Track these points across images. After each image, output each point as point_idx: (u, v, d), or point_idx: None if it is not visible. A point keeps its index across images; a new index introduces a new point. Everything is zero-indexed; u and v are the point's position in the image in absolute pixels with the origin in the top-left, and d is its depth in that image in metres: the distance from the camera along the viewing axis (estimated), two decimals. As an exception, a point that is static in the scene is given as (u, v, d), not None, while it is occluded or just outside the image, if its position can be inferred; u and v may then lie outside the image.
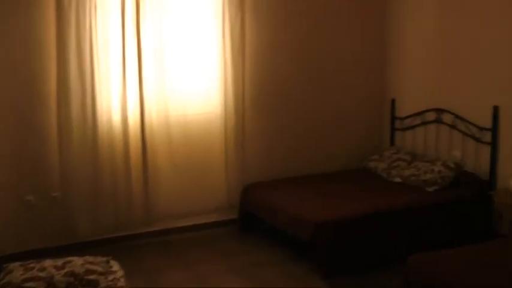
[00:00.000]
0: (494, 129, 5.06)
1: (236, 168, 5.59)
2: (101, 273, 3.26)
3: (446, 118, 5.59)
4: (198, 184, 5.45)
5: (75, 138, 4.85)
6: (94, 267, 3.29)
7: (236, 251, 5.08)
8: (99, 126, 4.92)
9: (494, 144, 5.08)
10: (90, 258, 3.45)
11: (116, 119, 5.00)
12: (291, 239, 4.92)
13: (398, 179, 5.42)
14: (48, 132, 4.88)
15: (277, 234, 5.21)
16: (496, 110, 5.03)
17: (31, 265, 3.32)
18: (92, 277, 3.17)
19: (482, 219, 5.11)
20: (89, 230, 5.08)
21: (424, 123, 5.88)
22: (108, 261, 3.56)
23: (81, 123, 4.86)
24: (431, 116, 5.79)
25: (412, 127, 6.05)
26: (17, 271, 3.25)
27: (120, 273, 3.44)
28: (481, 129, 5.18)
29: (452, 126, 5.51)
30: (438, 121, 5.69)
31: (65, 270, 3.20)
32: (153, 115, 5.15)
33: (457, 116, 5.45)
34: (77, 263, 3.33)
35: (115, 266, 3.55)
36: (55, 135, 4.89)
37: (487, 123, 5.12)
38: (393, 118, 6.32)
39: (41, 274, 3.16)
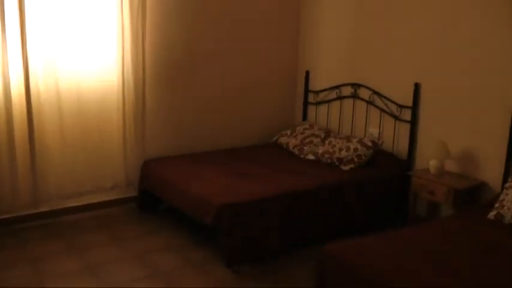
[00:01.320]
0: (415, 107, 4.79)
1: (135, 143, 4.97)
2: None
3: (364, 94, 5.28)
4: (93, 161, 4.81)
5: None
6: None
7: (133, 235, 4.49)
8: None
9: (413, 123, 4.81)
10: None
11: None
12: (193, 221, 4.40)
13: (311, 156, 5.04)
14: None
15: (178, 215, 4.68)
16: (417, 87, 4.75)
17: None
18: None
19: (399, 200, 4.86)
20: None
21: (340, 98, 5.54)
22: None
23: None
24: (347, 90, 5.45)
25: (327, 101, 5.69)
26: None
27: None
28: (401, 106, 4.90)
29: (370, 103, 5.20)
30: (355, 96, 5.36)
31: None
32: (40, 85, 4.40)
33: (375, 92, 5.14)
34: None
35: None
36: None
37: (407, 100, 4.84)
38: (307, 91, 5.93)
39: None
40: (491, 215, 3.59)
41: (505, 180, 4.05)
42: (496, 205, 3.63)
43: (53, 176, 4.62)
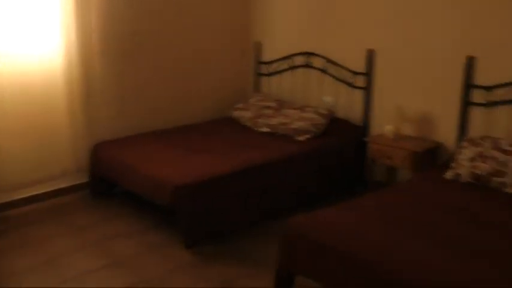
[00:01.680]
0: (369, 73, 4.74)
1: (83, 126, 4.69)
2: None
3: (317, 62, 5.19)
4: (38, 147, 4.48)
5: None
6: None
7: (89, 223, 4.25)
8: None
9: (368, 89, 4.77)
10: None
11: None
12: (149, 204, 4.25)
13: (266, 129, 4.93)
14: None
15: (134, 198, 4.51)
16: (370, 54, 4.70)
17: None
18: None
19: (357, 167, 4.83)
20: None
21: (293, 67, 5.44)
22: None
23: None
24: (299, 60, 5.36)
25: (280, 72, 5.59)
26: None
27: None
28: (354, 73, 4.85)
29: (323, 71, 5.13)
30: (307, 65, 5.28)
31: None
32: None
33: (328, 60, 5.07)
34: None
35: None
36: None
37: (361, 67, 4.79)
38: (258, 63, 5.81)
39: None
40: (449, 174, 3.59)
41: (459, 140, 4.06)
42: (453, 165, 3.64)
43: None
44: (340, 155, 4.68)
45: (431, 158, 4.29)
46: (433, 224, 2.88)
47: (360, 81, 4.82)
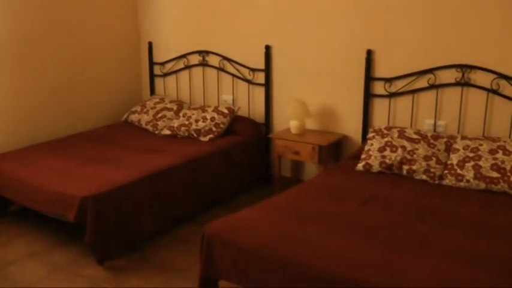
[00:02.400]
0: (267, 69, 4.74)
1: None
2: None
3: (213, 60, 5.12)
4: None
5: None
6: None
7: None
8: None
9: (268, 86, 4.77)
10: None
11: None
12: (52, 220, 3.95)
13: (166, 132, 4.78)
14: None
15: (35, 216, 4.15)
16: (268, 50, 4.70)
17: None
18: None
19: (263, 164, 4.85)
20: None
21: (188, 67, 5.33)
22: None
23: None
24: (195, 59, 5.26)
25: (175, 72, 5.45)
26: None
27: None
28: (253, 70, 4.83)
29: (221, 69, 5.07)
30: (204, 64, 5.19)
31: None
32: None
33: (224, 58, 5.01)
34: None
35: None
36: None
37: (260, 64, 4.78)
38: (152, 63, 5.63)
39: None
40: (360, 166, 3.67)
41: (365, 132, 4.17)
42: (363, 156, 3.72)
43: None
44: (245, 153, 4.65)
45: (338, 150, 4.37)
46: (352, 216, 2.92)
47: (260, 77, 4.81)
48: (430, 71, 3.89)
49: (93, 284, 3.33)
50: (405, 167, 3.51)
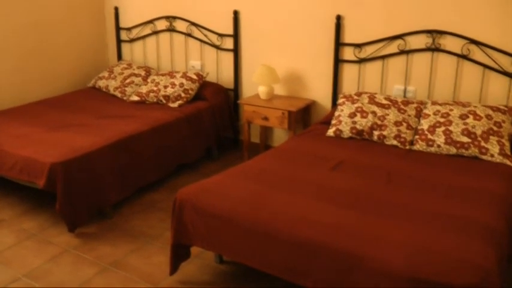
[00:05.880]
0: (236, 35, 4.69)
1: None
2: None
3: (181, 26, 5.04)
4: None
5: None
6: None
7: None
8: None
9: (236, 51, 4.73)
10: None
11: None
12: (22, 186, 3.89)
13: (135, 98, 4.72)
14: None
15: (3, 182, 4.07)
16: (236, 15, 4.64)
17: None
18: None
19: (232, 130, 4.86)
20: None
21: (155, 32, 5.24)
22: None
23: None
24: (162, 24, 5.17)
25: (142, 38, 5.36)
26: None
27: None
28: (221, 35, 4.77)
29: (188, 35, 4.99)
30: (171, 30, 5.11)
31: None
32: None
33: (192, 23, 4.93)
34: None
35: None
36: None
37: (228, 29, 4.72)
38: (118, 29, 5.52)
39: None
40: (331, 131, 3.69)
41: (334, 98, 4.18)
42: (333, 121, 3.73)
43: None
44: (213, 118, 4.64)
45: (307, 116, 4.38)
46: (322, 181, 2.94)
47: (228, 43, 4.76)
48: (400, 36, 3.90)
49: (64, 251, 3.32)
50: (376, 133, 3.55)
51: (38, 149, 3.59)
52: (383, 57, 4.01)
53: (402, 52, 3.92)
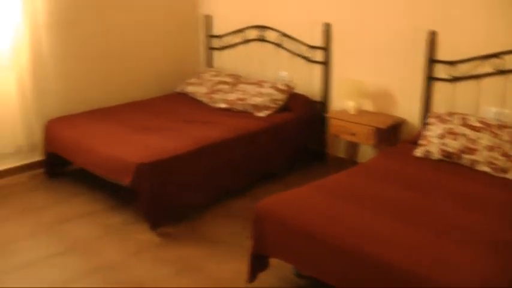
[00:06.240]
0: (326, 47, 4.66)
1: (33, 100, 4.48)
2: None
3: (271, 36, 5.06)
4: None
5: None
6: None
7: (44, 204, 4.03)
8: None
9: (326, 64, 4.70)
10: None
11: None
12: (107, 182, 4.04)
13: (222, 105, 4.78)
14: None
15: (91, 177, 4.25)
16: (327, 28, 4.61)
17: None
18: None
19: (317, 143, 4.78)
20: None
21: (246, 41, 5.29)
22: None
23: None
24: (253, 33, 5.21)
25: (232, 46, 5.43)
26: None
27: None
28: (311, 47, 4.75)
29: (279, 45, 5.01)
30: (261, 39, 5.14)
31: None
32: None
33: (283, 34, 4.95)
34: None
35: None
36: None
37: (318, 41, 4.70)
38: (209, 36, 5.62)
39: None
40: (418, 152, 3.57)
41: (424, 117, 4.06)
42: (422, 142, 3.61)
43: None
44: (300, 130, 4.62)
45: (395, 134, 4.28)
46: (408, 204, 2.84)
47: (318, 55, 4.74)
48: (497, 55, 3.72)
49: (142, 248, 3.42)
50: (466, 157, 3.38)
51: (126, 149, 3.72)
52: (477, 76, 3.83)
53: (499, 72, 3.74)
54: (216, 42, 5.57)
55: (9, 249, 3.39)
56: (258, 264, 2.96)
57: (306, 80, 4.88)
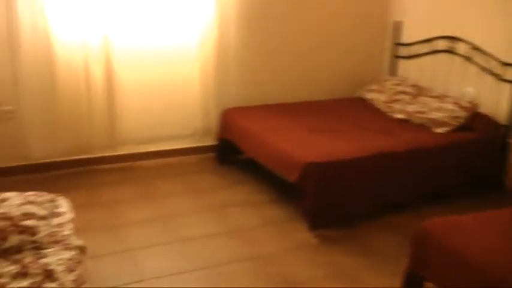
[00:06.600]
0: (521, 66, 4.35)
1: (215, 89, 4.83)
2: (41, 218, 2.51)
3: (460, 48, 4.84)
4: (171, 105, 4.75)
5: (26, 47, 4.08)
6: (33, 209, 2.54)
7: (210, 186, 4.40)
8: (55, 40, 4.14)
9: (517, 84, 4.39)
10: (31, 196, 2.70)
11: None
12: (275, 176, 4.21)
13: (400, 115, 4.70)
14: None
15: (258, 168, 4.49)
16: (526, 44, 4.30)
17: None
18: (29, 223, 2.42)
19: (494, 169, 4.49)
20: (43, 150, 4.39)
21: (434, 52, 5.12)
22: (54, 200, 2.82)
23: (33, 28, 4.04)
24: (442, 44, 5.02)
25: (418, 56, 5.29)
26: None
27: (68, 216, 2.71)
28: (504, 64, 4.46)
29: (468, 59, 4.77)
30: (450, 51, 4.94)
31: (-1, 211, 2.45)
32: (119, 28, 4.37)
33: (473, 47, 4.70)
34: (14, 201, 2.58)
35: (63, 205, 2.81)
36: (5, 42, 4.08)
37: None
38: (396, 44, 5.53)
39: (-33, 213, 2.41)
40: None
41: None
42: None
43: (130, 119, 4.60)
44: (479, 153, 4.37)
45: None
46: None
47: (510, 73, 4.43)
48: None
49: (297, 245, 3.53)
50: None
51: (296, 147, 3.85)
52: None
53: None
54: (402, 51, 5.46)
55: (174, 222, 3.75)
56: (411, 284, 2.90)
57: (493, 100, 4.58)
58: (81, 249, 2.50)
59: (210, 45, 4.68)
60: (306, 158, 3.65)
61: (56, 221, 2.61)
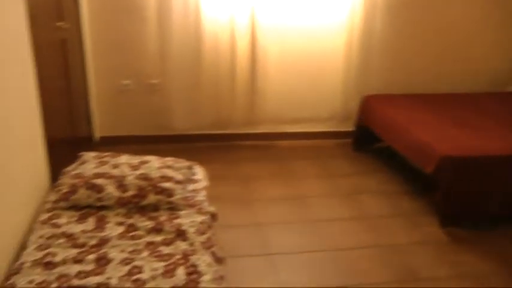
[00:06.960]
0: None
1: (357, 74, 4.83)
2: (178, 182, 2.75)
3: None
4: (313, 88, 4.85)
5: (177, 23, 4.38)
6: (172, 173, 2.80)
7: (344, 171, 4.45)
8: (204, 17, 4.40)
9: None
10: (170, 161, 2.97)
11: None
12: (410, 166, 4.16)
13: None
14: (147, 14, 4.40)
15: (393, 157, 4.49)
16: None
17: (105, 159, 2.93)
18: (166, 185, 2.67)
19: None
20: (186, 122, 4.73)
21: None
22: (191, 167, 3.07)
23: (184, 6, 4.34)
24: None
25: None
26: (90, 163, 2.86)
27: (202, 183, 2.94)
28: None
29: None
30: None
31: (139, 172, 2.74)
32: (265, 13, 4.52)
33: None
34: (154, 164, 2.85)
35: (199, 173, 3.06)
36: (155, 19, 4.42)
37: None
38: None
39: (114, 171, 2.75)
40: None
41: None
42: None
43: (271, 99, 4.79)
44: None
45: None
46: None
47: None
48: None
49: (429, 241, 3.46)
50: None
51: (436, 138, 3.74)
52: None
53: None
54: None
55: (305, 203, 3.87)
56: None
57: None
58: (213, 216, 2.72)
59: (355, 34, 4.70)
60: (444, 150, 3.55)
61: (191, 186, 2.86)
